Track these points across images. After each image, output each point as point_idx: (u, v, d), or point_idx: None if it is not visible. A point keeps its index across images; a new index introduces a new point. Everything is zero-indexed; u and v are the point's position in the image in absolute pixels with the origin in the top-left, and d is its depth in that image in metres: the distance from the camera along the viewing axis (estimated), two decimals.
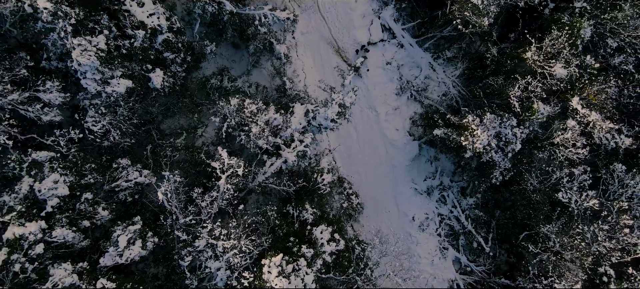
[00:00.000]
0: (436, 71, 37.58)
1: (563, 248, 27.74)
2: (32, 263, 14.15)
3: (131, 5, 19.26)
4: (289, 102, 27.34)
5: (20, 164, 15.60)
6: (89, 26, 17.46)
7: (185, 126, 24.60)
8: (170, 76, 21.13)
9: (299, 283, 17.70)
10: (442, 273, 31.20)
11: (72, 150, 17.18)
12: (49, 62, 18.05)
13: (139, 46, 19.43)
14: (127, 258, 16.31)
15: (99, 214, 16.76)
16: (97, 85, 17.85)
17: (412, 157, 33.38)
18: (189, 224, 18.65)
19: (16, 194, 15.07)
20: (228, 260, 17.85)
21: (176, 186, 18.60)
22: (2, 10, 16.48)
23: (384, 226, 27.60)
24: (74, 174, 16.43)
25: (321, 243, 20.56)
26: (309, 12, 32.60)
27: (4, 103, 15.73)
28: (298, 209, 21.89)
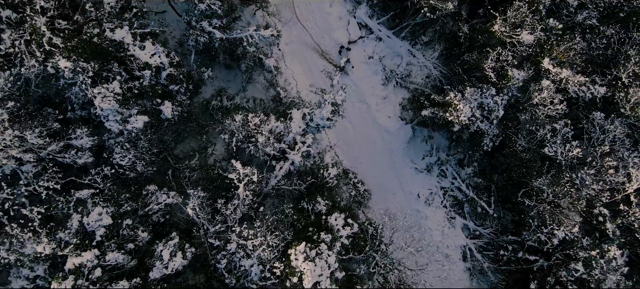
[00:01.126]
0: (416, 56, 40.23)
1: (556, 197, 30.40)
2: (95, 285, 16.55)
3: (135, 50, 21.78)
4: (285, 109, 29.87)
5: (67, 204, 18.04)
6: (104, 75, 19.97)
7: (196, 147, 27.12)
8: (178, 105, 23.65)
9: (323, 264, 20.23)
10: (453, 241, 33.77)
11: (107, 184, 19.67)
12: (74, 112, 20.55)
13: (148, 84, 21.96)
14: (172, 268, 18.82)
15: (139, 236, 19.23)
16: (118, 125, 20.38)
17: (408, 140, 35.99)
18: (219, 231, 21.16)
19: (69, 230, 17.51)
20: (258, 256, 20.38)
21: (201, 201, 21.09)
22: (29, 75, 18.95)
23: (392, 207, 30.05)
24: (113, 205, 18.93)
25: (337, 229, 23.09)
26: (289, 24, 35.17)
27: (45, 155, 18.16)
28: (311, 203, 24.45)
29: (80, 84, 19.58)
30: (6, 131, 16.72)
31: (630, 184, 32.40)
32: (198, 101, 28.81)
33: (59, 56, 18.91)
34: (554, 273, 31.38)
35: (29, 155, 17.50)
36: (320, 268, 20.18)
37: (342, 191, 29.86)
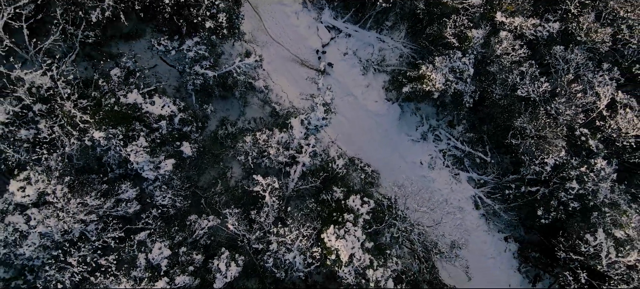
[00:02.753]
0: (385, 41, 44.30)
1: (538, 131, 34.34)
2: None
3: (148, 107, 25.35)
4: (284, 120, 33.46)
5: (132, 247, 21.52)
6: (130, 135, 23.51)
7: (217, 175, 30.66)
8: (194, 142, 27.20)
9: (353, 238, 23.87)
10: (463, 194, 37.58)
11: (158, 223, 23.19)
12: (113, 172, 24.04)
13: (166, 132, 25.52)
14: (231, 276, 22.38)
15: (196, 259, 22.75)
16: (153, 172, 23.92)
17: (398, 117, 39.84)
18: (259, 238, 24.73)
19: (139, 267, 20.98)
20: (297, 247, 23.96)
21: (237, 216, 24.68)
22: (71, 152, 22.43)
23: (399, 179, 33.62)
24: (167, 238, 22.46)
25: (356, 208, 26.71)
26: (266, 45, 38.88)
27: (103, 213, 21.64)
28: (329, 193, 28.07)
29: (114, 147, 23.11)
30: (70, 201, 20.17)
31: (600, 102, 36.39)
32: (206, 134, 32.32)
33: (92, 130, 22.43)
34: (555, 196, 35.13)
35: (92, 216, 20.94)
36: (351, 242, 23.81)
37: (353, 177, 33.46)
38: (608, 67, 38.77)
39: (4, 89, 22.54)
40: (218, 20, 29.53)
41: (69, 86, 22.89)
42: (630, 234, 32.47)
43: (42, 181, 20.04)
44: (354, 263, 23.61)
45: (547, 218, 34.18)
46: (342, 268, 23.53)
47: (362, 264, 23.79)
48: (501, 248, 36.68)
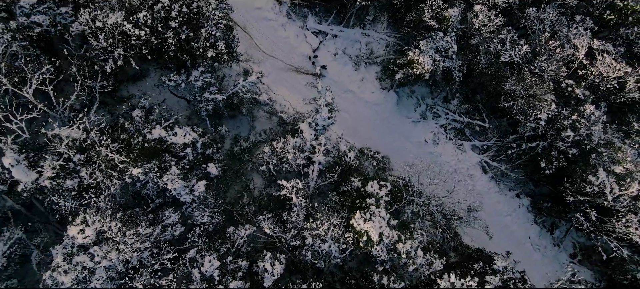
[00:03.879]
0: (370, 35, 47.15)
1: (526, 90, 37.11)
2: None
3: (172, 138, 27.82)
4: (293, 126, 35.97)
5: (185, 265, 23.98)
6: (163, 166, 25.98)
7: (240, 188, 33.13)
8: (217, 162, 29.67)
9: (379, 219, 26.42)
10: (469, 162, 40.27)
11: (203, 239, 25.65)
12: (154, 202, 26.47)
13: (193, 157, 28.00)
14: (277, 273, 24.88)
15: (242, 265, 25.21)
16: (189, 195, 26.38)
17: (396, 102, 42.52)
18: (294, 235, 27.23)
19: (195, 281, 23.43)
20: (331, 236, 26.49)
21: (270, 221, 27.19)
22: (114, 191, 24.85)
23: (408, 159, 36.15)
24: (214, 251, 24.92)
25: (376, 192, 29.24)
26: (262, 61, 41.40)
27: (154, 239, 24.06)
28: (348, 184, 30.61)
29: (152, 180, 25.57)
30: (125, 234, 22.59)
31: (579, 52, 39.26)
32: (224, 153, 34.77)
33: (130, 168, 24.89)
34: (554, 147, 37.93)
35: (146, 243, 23.38)
36: (378, 222, 26.36)
37: (365, 166, 35.97)
38: (581, 18, 41.65)
39: (46, 147, 24.92)
40: (218, 48, 32.03)
41: (101, 133, 25.28)
42: (628, 168, 35.23)
43: (98, 221, 22.44)
44: (384, 241, 26.15)
45: (550, 168, 36.89)
46: (374, 246, 26.06)
47: (391, 241, 26.33)
48: (515, 204, 39.39)
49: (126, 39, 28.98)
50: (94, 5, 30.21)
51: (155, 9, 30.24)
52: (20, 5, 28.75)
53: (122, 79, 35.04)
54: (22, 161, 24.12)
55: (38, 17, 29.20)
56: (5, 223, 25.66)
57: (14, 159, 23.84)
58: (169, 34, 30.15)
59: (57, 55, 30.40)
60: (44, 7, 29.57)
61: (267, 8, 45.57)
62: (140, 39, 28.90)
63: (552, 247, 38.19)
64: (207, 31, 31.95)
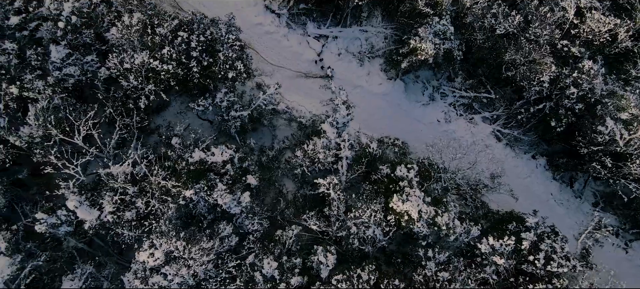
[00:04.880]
0: (368, 31, 49.66)
1: (525, 57, 39.48)
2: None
3: (212, 158, 30.10)
4: (314, 129, 38.25)
5: (247, 270, 26.27)
6: (210, 184, 28.28)
7: (275, 195, 35.40)
8: (254, 173, 31.93)
9: (415, 199, 28.74)
10: (483, 133, 42.66)
11: (257, 245, 27.96)
12: (206, 218, 28.76)
13: (233, 172, 30.27)
14: (331, 263, 27.19)
15: (296, 263, 27.51)
16: (237, 207, 28.66)
17: (404, 89, 44.91)
18: (339, 227, 29.53)
19: (259, 282, 25.75)
20: (373, 222, 28.79)
21: (314, 219, 29.49)
22: (171, 215, 27.12)
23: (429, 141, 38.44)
24: (270, 253, 27.21)
25: (405, 175, 31.52)
26: (274, 73, 43.64)
27: (216, 252, 26.35)
28: (378, 173, 32.92)
29: (202, 198, 27.86)
30: (191, 250, 24.84)
31: (569, 13, 41.67)
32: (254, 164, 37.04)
33: (182, 191, 27.17)
34: (561, 105, 40.29)
35: (210, 256, 25.65)
36: (415, 201, 28.66)
37: (388, 153, 38.26)
38: None
39: (102, 185, 27.20)
40: (237, 68, 34.32)
41: (150, 164, 27.55)
42: (633, 113, 37.63)
43: (165, 242, 24.68)
44: (423, 217, 28.44)
45: (560, 125, 39.24)
46: (415, 224, 28.34)
47: (429, 216, 28.61)
48: (532, 166, 41.78)
49: (155, 74, 31.25)
50: (117, 49, 32.50)
51: (175, 42, 32.55)
52: (52, 61, 30.98)
53: (148, 112, 37.27)
54: (84, 201, 26.33)
55: (69, 69, 31.43)
56: (73, 261, 27.85)
57: (77, 201, 26.04)
58: (193, 63, 32.43)
59: (90, 100, 32.60)
60: (72, 58, 31.78)
61: (267, 22, 47.86)
62: (169, 73, 31.17)
63: (574, 199, 40.58)
64: (224, 54, 34.23)
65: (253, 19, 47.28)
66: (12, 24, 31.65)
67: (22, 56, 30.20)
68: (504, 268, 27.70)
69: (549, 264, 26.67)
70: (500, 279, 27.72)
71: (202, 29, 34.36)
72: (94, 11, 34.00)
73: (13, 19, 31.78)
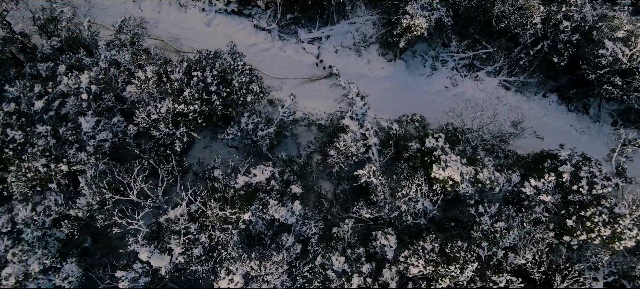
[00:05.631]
0: (356, 22, 51.39)
1: (512, 5, 41.24)
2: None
3: (255, 178, 31.80)
4: (335, 128, 39.95)
5: (319, 270, 28.02)
6: (263, 203, 29.98)
7: (316, 197, 37.08)
8: (295, 182, 33.59)
9: (453, 163, 30.49)
10: (491, 87, 44.49)
11: (321, 246, 29.66)
12: (266, 235, 30.43)
13: (278, 186, 31.97)
14: (394, 243, 28.98)
15: (359, 251, 29.28)
16: (294, 216, 30.38)
17: (406, 67, 46.71)
18: (390, 209, 31.27)
19: (332, 278, 27.47)
20: (421, 195, 30.57)
21: (364, 208, 31.24)
22: (234, 238, 28.75)
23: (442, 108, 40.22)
24: (335, 250, 28.94)
25: (436, 145, 33.27)
26: (282, 86, 45.18)
27: (287, 261, 28.07)
28: (408, 150, 34.70)
29: (259, 217, 29.55)
30: (266, 266, 26.52)
31: None
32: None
33: (240, 216, 28.84)
34: (558, 40, 42.08)
35: (284, 267, 27.34)
36: (454, 165, 30.40)
37: (410, 130, 39.98)
38: None
39: (165, 231, 28.80)
40: (253, 91, 35.97)
41: (205, 200, 29.19)
42: (628, 29, 39.54)
43: (240, 266, 26.33)
44: (465, 178, 30.20)
45: (563, 60, 41.13)
46: (460, 186, 30.10)
47: (471, 175, 30.37)
48: (545, 104, 43.67)
49: (184, 117, 32.86)
50: (140, 104, 34.03)
51: (192, 83, 34.16)
52: (85, 132, 32.47)
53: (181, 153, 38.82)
54: (154, 250, 27.91)
55: (102, 135, 32.91)
56: None
57: (148, 252, 27.61)
58: (213, 97, 34.06)
59: (129, 158, 34.14)
60: (101, 124, 33.28)
61: (260, 40, 49.58)
62: (196, 112, 32.79)
63: (593, 125, 42.49)
64: (238, 81, 35.86)
65: (246, 41, 48.89)
66: (38, 109, 33.07)
67: (57, 135, 31.64)
68: (552, 204, 29.46)
69: (593, 189, 28.44)
70: (552, 214, 29.46)
71: (211, 63, 35.99)
72: (107, 75, 35.52)
73: (37, 103, 33.21)
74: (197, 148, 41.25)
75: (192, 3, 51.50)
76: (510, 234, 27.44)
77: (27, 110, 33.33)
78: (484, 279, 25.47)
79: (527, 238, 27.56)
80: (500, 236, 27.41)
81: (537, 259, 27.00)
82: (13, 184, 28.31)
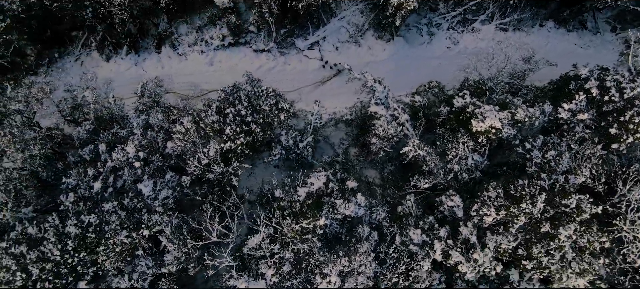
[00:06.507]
0: (344, 16, 52.67)
1: None
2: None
3: (313, 186, 33.09)
4: (362, 118, 41.40)
5: (401, 248, 29.50)
6: (331, 205, 31.36)
7: (366, 187, 38.49)
8: (350, 178, 34.99)
9: (490, 113, 31.92)
10: (491, 33, 46.03)
11: (395, 226, 31.11)
12: (341, 233, 31.84)
13: (337, 187, 33.36)
14: (460, 201, 30.47)
15: (429, 220, 30.73)
16: (360, 208, 31.79)
17: (406, 42, 48.21)
18: (445, 174, 32.76)
19: (417, 251, 28.94)
20: (469, 150, 32.11)
21: (422, 179, 32.75)
22: (317, 247, 30.15)
23: (453, 68, 41.73)
24: (408, 226, 30.42)
25: (464, 102, 34.67)
26: (299, 98, 46.42)
27: (371, 250, 29.50)
28: (439, 116, 36.22)
29: (333, 218, 31.00)
30: (356, 259, 27.97)
31: None
32: None
33: (316, 223, 30.22)
34: None
35: (371, 256, 28.82)
36: (490, 114, 31.82)
37: (431, 98, 41.42)
38: None
39: (250, 258, 30.16)
40: (284, 109, 37.29)
41: (279, 219, 30.59)
42: None
43: (333, 267, 27.75)
44: (504, 123, 31.66)
45: None
46: (502, 131, 31.54)
47: (509, 119, 31.85)
48: (545, 33, 45.24)
49: (233, 152, 34.17)
50: (187, 155, 35.27)
51: (228, 119, 35.41)
52: (147, 196, 33.71)
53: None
54: (249, 279, 29.27)
55: (162, 194, 34.15)
56: None
57: (244, 281, 28.98)
58: (253, 126, 35.37)
59: (196, 205, 35.37)
60: (159, 185, 34.47)
61: (263, 62, 50.95)
62: (243, 145, 34.10)
63: (594, 37, 44.07)
64: (267, 105, 37.16)
65: (251, 66, 50.11)
66: (98, 190, 34.22)
67: (124, 207, 32.84)
68: (590, 120, 30.98)
69: (623, 94, 29.89)
70: (593, 130, 30.96)
71: (237, 97, 37.24)
72: (147, 139, 36.68)
73: (96, 185, 34.34)
74: (243, 178, 42.50)
75: (189, 49, 52.59)
76: (563, 159, 28.92)
77: (87, 194, 34.47)
78: (555, 206, 26.94)
79: (578, 158, 29.06)
80: (555, 163, 28.88)
81: (594, 173, 28.49)
82: (105, 263, 29.50)
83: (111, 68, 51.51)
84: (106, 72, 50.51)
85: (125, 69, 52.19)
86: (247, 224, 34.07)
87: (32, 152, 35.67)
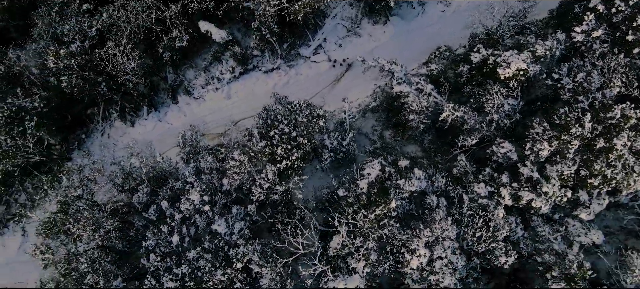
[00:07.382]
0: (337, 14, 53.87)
1: None
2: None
3: (370, 176, 34.57)
4: (387, 100, 42.91)
5: (472, 204, 31.12)
6: (394, 187, 32.87)
7: (411, 162, 39.99)
8: (399, 159, 36.50)
9: (512, 56, 33.37)
10: None
11: (459, 188, 32.71)
12: (412, 209, 33.42)
13: (392, 169, 34.85)
14: (510, 146, 32.04)
15: (487, 171, 32.31)
16: (422, 182, 33.33)
17: (402, 22, 49.81)
18: (487, 125, 34.30)
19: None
20: (503, 96, 33.64)
21: (468, 137, 34.30)
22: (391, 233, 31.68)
23: (460, 27, 43.12)
24: (469, 182, 32.01)
25: (481, 56, 36.14)
26: (323, 101, 47.67)
27: (446, 214, 31.06)
28: (461, 77, 37.73)
29: (401, 198, 32.57)
30: (438, 227, 29.54)
31: None
32: None
33: (389, 207, 31.74)
34: None
35: (449, 221, 30.40)
36: (512, 59, 33.31)
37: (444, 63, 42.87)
38: None
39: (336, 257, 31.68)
40: (319, 116, 38.74)
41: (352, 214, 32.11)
42: None
43: (419, 241, 29.32)
44: (528, 62, 33.15)
45: None
46: (528, 71, 33.06)
47: (531, 58, 33.33)
48: None
49: (292, 169, 35.70)
50: (246, 185, 36.69)
51: (275, 140, 36.80)
52: (224, 234, 35.11)
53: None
54: (344, 277, 30.81)
55: (236, 227, 35.59)
56: None
57: (342, 281, 30.50)
58: (299, 140, 36.81)
59: (262, 232, 36.89)
60: (230, 221, 35.92)
61: (277, 79, 52.24)
62: (298, 159, 35.60)
63: None
64: (304, 116, 38.60)
65: (266, 87, 51.46)
66: (177, 243, 35.59)
67: (207, 249, 34.24)
68: (605, 34, 32.53)
69: (629, 1, 31.37)
70: (610, 43, 32.44)
71: (275, 118, 38.64)
72: (203, 183, 38.04)
73: (174, 239, 35.72)
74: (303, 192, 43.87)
75: (204, 90, 53.85)
76: (593, 77, 30.46)
77: (168, 250, 35.85)
78: (602, 121, 28.48)
79: (606, 71, 30.60)
80: (587, 83, 30.40)
81: (625, 81, 30.06)
82: None
83: (139, 131, 52.76)
84: (136, 135, 51.79)
85: (151, 128, 53.39)
86: (320, 230, 35.50)
87: (107, 228, 36.95)
